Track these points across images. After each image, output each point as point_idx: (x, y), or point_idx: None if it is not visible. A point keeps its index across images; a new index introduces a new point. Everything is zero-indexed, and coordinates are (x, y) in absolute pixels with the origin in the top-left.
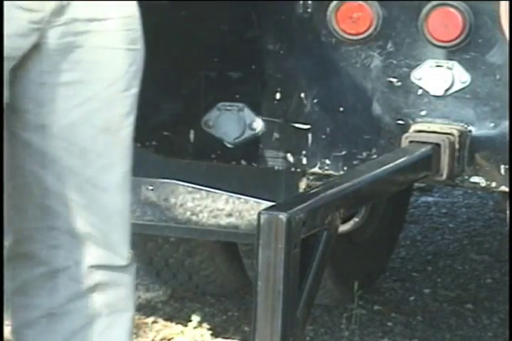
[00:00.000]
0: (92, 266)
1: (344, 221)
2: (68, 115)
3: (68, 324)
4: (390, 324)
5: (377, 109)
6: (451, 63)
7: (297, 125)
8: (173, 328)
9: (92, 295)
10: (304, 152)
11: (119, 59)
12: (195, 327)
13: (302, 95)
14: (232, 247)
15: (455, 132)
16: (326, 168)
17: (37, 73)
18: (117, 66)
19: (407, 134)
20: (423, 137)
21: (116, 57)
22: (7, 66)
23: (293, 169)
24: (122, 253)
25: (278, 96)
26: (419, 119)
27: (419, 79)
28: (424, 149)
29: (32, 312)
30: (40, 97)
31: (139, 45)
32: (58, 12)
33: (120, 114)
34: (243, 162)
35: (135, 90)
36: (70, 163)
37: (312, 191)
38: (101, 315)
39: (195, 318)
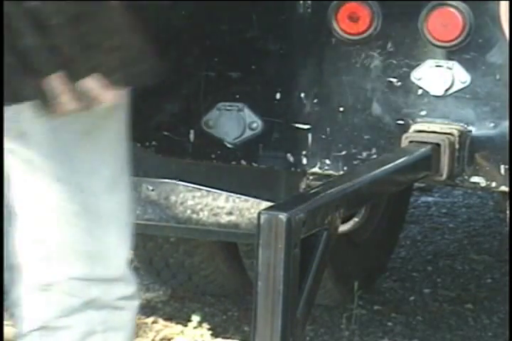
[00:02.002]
0: (85, 280)
1: (344, 221)
2: (46, 121)
3: (61, 339)
4: (390, 324)
5: (377, 109)
6: (451, 63)
7: (297, 125)
8: (173, 328)
9: (87, 311)
10: (303, 152)
11: None
12: (195, 327)
13: (302, 95)
14: (232, 247)
15: (455, 132)
16: (326, 168)
17: None
18: None
19: (407, 134)
20: (423, 137)
21: None
22: None
23: (293, 169)
24: (118, 264)
25: (278, 96)
26: (419, 119)
27: (419, 79)
28: (424, 149)
29: (25, 324)
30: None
31: None
32: None
33: (98, 116)
34: (243, 162)
35: None
36: (55, 170)
37: (312, 191)
38: (95, 333)
39: (195, 318)
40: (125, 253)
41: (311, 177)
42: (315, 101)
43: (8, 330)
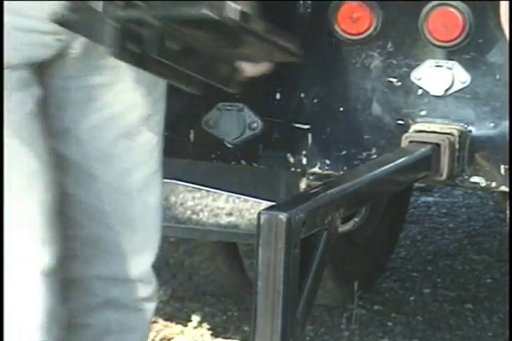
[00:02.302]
0: (107, 279)
1: (344, 221)
2: (90, 119)
3: (78, 338)
4: (390, 324)
5: (377, 109)
6: (451, 63)
7: (297, 125)
8: (173, 328)
9: (105, 311)
10: (304, 152)
11: None
12: (195, 327)
13: (302, 95)
14: (232, 247)
15: (455, 132)
16: (326, 168)
17: (62, 78)
18: (138, 71)
19: (407, 134)
20: (423, 137)
21: None
22: (26, 72)
23: (293, 169)
24: (141, 266)
25: (278, 96)
26: (419, 119)
27: (419, 79)
28: (424, 149)
29: None
30: (64, 102)
31: None
32: None
33: (141, 118)
34: (243, 162)
35: (158, 94)
36: (90, 168)
37: (312, 191)
38: (111, 333)
39: (195, 318)
40: (150, 255)
41: (311, 177)
42: (315, 101)
43: None
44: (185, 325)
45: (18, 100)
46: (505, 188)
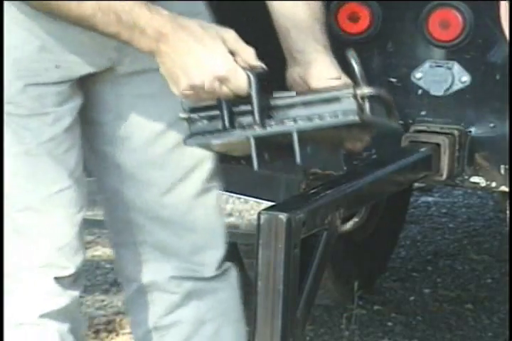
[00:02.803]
0: (181, 278)
1: (344, 221)
2: (147, 127)
3: (177, 335)
4: (390, 324)
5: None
6: (451, 63)
7: None
8: None
9: (190, 303)
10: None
11: None
12: None
13: None
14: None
15: (455, 132)
16: (326, 168)
17: (114, 85)
18: None
19: (407, 134)
20: (423, 137)
21: None
22: (68, 85)
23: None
24: (210, 263)
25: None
26: (419, 119)
27: (419, 79)
28: (424, 149)
29: (138, 328)
30: (119, 109)
31: None
32: None
33: None
34: (243, 162)
35: None
36: (149, 175)
37: (312, 191)
38: (205, 322)
39: None
40: (218, 251)
41: (311, 177)
42: None
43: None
44: None
45: (57, 116)
46: (505, 188)
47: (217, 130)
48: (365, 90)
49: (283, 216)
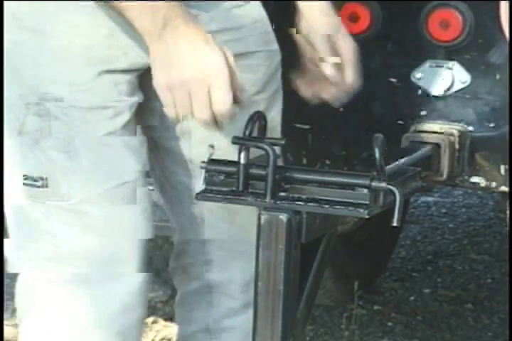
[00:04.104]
0: (247, 283)
1: (344, 221)
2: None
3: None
4: (390, 324)
5: (377, 109)
6: (451, 63)
7: (297, 125)
8: (173, 328)
9: (248, 312)
10: (303, 152)
11: (255, 62)
12: None
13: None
14: None
15: (455, 132)
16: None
17: None
18: (254, 70)
19: (407, 134)
20: (423, 137)
21: (252, 61)
22: (135, 77)
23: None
24: None
25: None
26: (419, 119)
27: (419, 79)
28: (424, 149)
29: (188, 326)
30: None
31: (274, 46)
32: None
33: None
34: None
35: (267, 94)
36: None
37: None
38: None
39: None
40: None
41: None
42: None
43: (8, 330)
44: None
45: (128, 105)
46: (505, 188)
47: (231, 191)
48: (382, 184)
49: (283, 216)
